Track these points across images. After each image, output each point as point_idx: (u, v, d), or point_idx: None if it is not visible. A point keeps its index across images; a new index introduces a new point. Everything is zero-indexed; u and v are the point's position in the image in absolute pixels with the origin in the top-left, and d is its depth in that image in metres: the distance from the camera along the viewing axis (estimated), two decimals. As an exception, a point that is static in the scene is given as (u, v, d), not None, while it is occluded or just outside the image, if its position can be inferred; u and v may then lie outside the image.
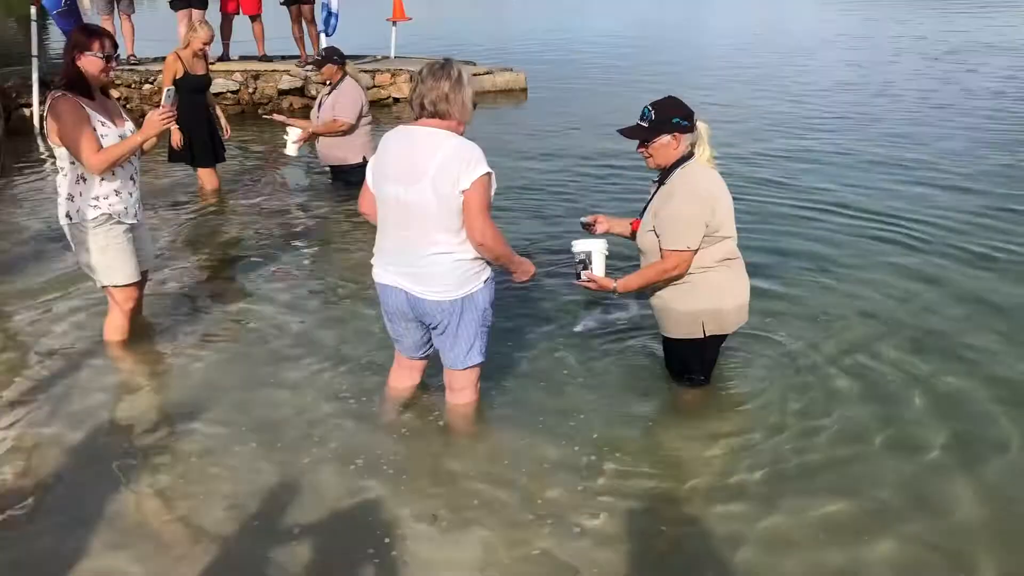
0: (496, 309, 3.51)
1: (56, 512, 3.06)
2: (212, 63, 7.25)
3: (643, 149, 3.53)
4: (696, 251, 3.45)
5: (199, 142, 6.96)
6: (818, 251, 5.63)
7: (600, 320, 4.51)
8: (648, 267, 3.55)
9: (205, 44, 6.76)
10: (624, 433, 3.58)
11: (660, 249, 3.50)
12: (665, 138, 3.45)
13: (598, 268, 3.56)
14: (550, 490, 3.16)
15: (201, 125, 6.93)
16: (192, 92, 6.75)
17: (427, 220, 3.18)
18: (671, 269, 3.47)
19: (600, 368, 4.08)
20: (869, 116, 10.28)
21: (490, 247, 3.21)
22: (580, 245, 3.58)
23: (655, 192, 3.62)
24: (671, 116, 3.44)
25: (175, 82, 6.63)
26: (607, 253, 3.60)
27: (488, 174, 3.14)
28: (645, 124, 3.46)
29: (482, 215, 3.15)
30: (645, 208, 3.66)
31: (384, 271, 3.39)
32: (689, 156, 3.51)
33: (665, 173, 3.55)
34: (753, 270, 5.16)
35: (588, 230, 3.84)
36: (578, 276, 3.60)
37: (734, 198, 3.56)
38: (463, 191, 3.10)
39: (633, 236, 3.76)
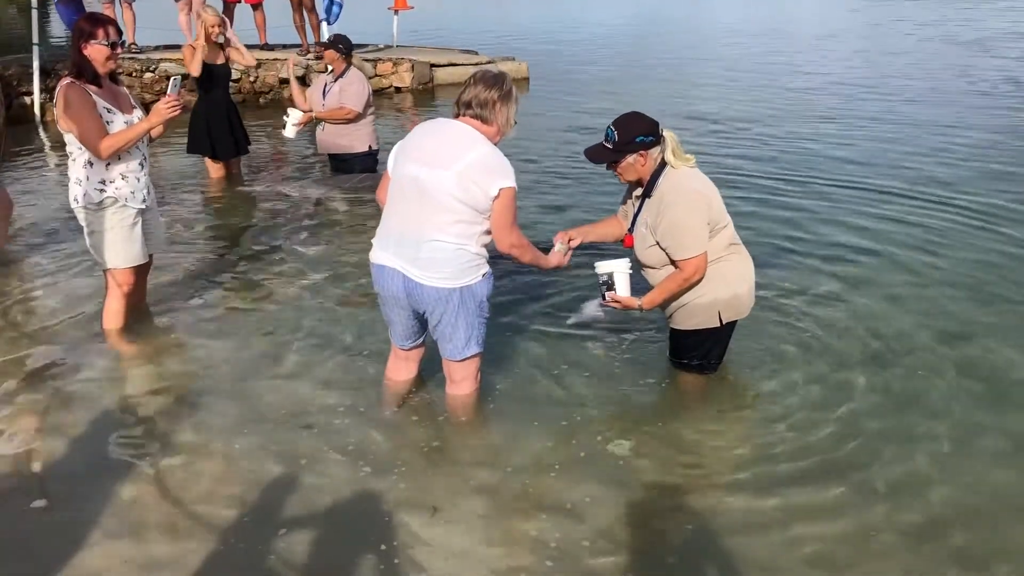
0: (494, 301, 3.50)
1: (54, 504, 3.05)
2: (232, 48, 7.04)
3: (612, 168, 3.55)
4: (706, 251, 3.47)
5: (218, 134, 6.91)
6: (853, 235, 5.72)
7: (595, 311, 4.50)
8: (668, 280, 3.53)
9: (213, 27, 6.66)
10: (626, 425, 3.57)
11: (672, 261, 3.51)
12: (631, 157, 3.46)
13: (622, 288, 3.57)
14: (550, 482, 3.15)
15: (220, 117, 6.88)
16: (212, 83, 6.71)
17: (441, 208, 3.18)
18: (692, 276, 3.48)
19: (600, 359, 4.07)
20: (913, 104, 10.42)
21: (518, 256, 3.36)
22: (603, 267, 3.58)
23: (641, 204, 3.60)
24: (635, 135, 3.44)
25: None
26: (630, 272, 3.61)
27: (513, 188, 3.20)
28: (609, 146, 3.48)
29: (510, 227, 3.25)
30: (634, 221, 3.64)
31: (384, 252, 3.37)
32: (662, 166, 3.50)
33: (648, 185, 3.54)
34: (783, 256, 5.19)
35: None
36: (603, 297, 3.62)
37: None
38: (493, 198, 3.16)
39: (620, 243, 3.75)
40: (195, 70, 6.65)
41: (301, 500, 3.05)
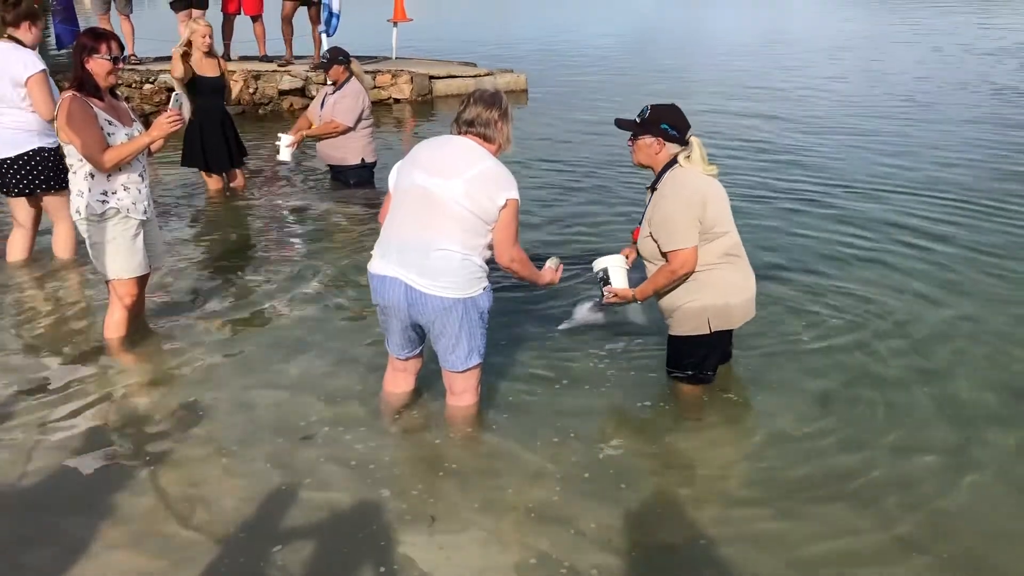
0: (492, 312, 3.53)
1: (55, 512, 3.06)
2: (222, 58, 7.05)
3: (630, 143, 3.70)
4: (696, 247, 3.50)
5: (212, 146, 6.89)
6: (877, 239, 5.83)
7: (588, 316, 4.52)
8: (656, 272, 3.62)
9: (204, 37, 6.61)
10: (624, 434, 3.59)
11: (662, 253, 3.56)
12: (648, 139, 3.60)
13: (617, 281, 3.72)
14: (549, 492, 3.16)
15: (214, 129, 6.85)
16: (203, 95, 6.70)
17: (450, 216, 3.23)
18: (677, 269, 3.52)
19: (598, 368, 4.09)
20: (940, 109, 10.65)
21: (517, 270, 3.42)
22: (599, 263, 3.76)
23: (649, 199, 3.71)
24: (661, 120, 3.58)
25: (186, 85, 6.63)
26: (627, 267, 3.77)
27: (518, 201, 3.29)
28: (638, 119, 3.63)
29: (513, 240, 3.33)
30: (644, 216, 3.74)
31: (385, 263, 3.36)
32: (673, 162, 3.60)
33: (656, 180, 3.65)
34: (781, 264, 5.24)
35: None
36: (601, 292, 3.78)
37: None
38: (499, 208, 3.24)
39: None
40: (177, 72, 6.59)
41: (300, 511, 3.06)
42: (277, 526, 2.98)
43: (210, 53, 6.77)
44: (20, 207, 5.35)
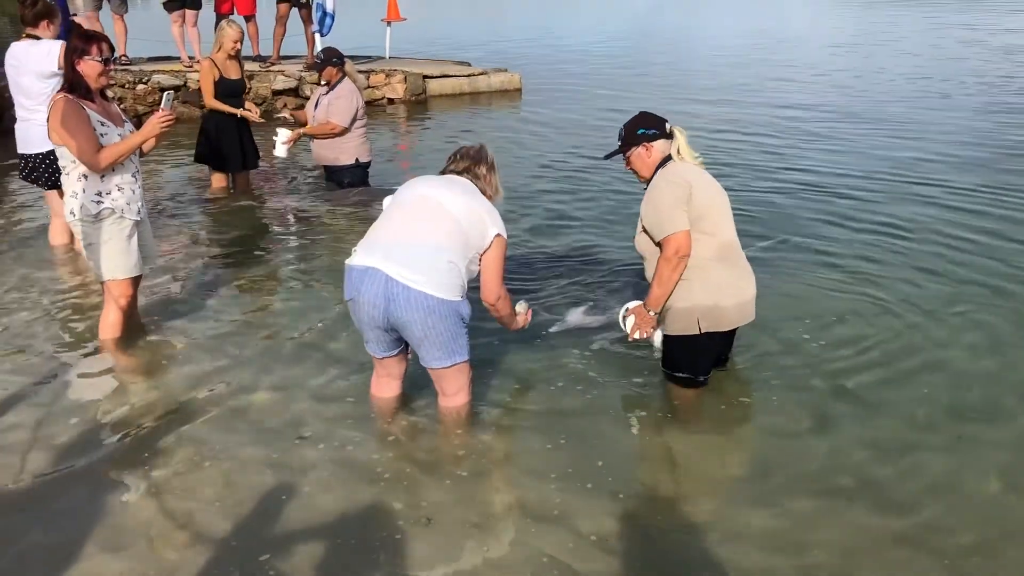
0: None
1: (50, 514, 3.05)
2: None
3: (627, 166, 3.79)
4: (688, 232, 3.48)
5: (226, 146, 6.94)
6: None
7: (582, 321, 4.51)
8: (657, 267, 3.56)
9: (236, 42, 6.72)
10: (620, 434, 3.58)
11: (657, 243, 3.58)
12: (637, 150, 3.70)
13: (634, 304, 3.72)
14: (545, 494, 3.15)
15: (231, 130, 6.90)
16: (224, 97, 6.75)
17: (450, 221, 3.34)
18: (671, 256, 3.50)
19: (592, 370, 4.07)
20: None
21: (498, 308, 3.57)
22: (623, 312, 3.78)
23: None
24: (637, 129, 3.70)
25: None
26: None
27: (505, 239, 3.46)
28: (620, 142, 3.75)
29: (500, 279, 3.49)
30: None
31: (369, 256, 3.33)
32: (667, 159, 3.67)
33: (649, 180, 3.72)
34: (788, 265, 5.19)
35: None
36: (629, 332, 3.72)
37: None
38: (489, 239, 3.41)
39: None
40: (209, 98, 6.74)
41: (296, 511, 3.05)
42: (273, 528, 2.97)
43: (235, 56, 6.82)
44: (54, 198, 5.57)
